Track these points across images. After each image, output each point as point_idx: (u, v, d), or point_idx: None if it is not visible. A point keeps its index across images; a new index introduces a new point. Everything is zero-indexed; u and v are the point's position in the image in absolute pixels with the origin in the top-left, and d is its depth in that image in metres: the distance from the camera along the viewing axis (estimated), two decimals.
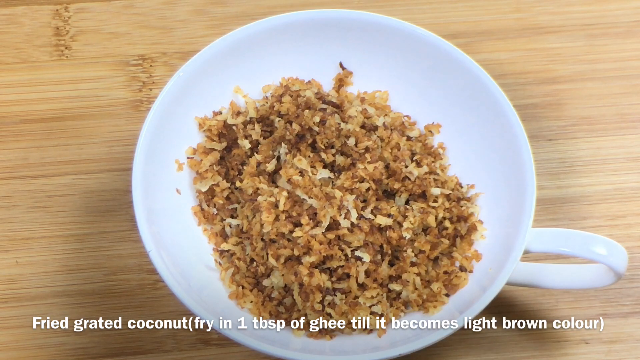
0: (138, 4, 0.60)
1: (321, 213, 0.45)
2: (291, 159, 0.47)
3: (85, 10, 0.60)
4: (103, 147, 0.55)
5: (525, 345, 0.50)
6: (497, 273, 0.44)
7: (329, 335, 0.46)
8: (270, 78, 0.52)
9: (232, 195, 0.49)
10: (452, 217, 0.48)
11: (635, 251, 0.52)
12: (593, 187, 0.54)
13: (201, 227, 0.49)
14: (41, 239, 0.52)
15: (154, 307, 0.51)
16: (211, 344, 0.50)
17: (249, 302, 0.46)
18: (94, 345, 0.50)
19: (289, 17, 0.50)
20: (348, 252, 0.45)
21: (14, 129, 0.56)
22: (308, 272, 0.45)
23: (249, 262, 0.47)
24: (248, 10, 0.60)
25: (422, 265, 0.47)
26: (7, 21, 0.60)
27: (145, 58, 0.58)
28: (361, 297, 0.45)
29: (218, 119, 0.50)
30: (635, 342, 0.50)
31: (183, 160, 0.49)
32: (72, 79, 0.57)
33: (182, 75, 0.48)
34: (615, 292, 0.51)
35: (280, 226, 0.45)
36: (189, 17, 0.60)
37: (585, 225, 0.53)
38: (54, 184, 0.54)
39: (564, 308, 0.51)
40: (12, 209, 0.53)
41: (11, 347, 0.50)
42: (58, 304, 0.51)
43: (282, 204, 0.45)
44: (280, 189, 0.46)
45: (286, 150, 0.47)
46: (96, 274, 0.52)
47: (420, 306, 0.46)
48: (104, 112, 0.56)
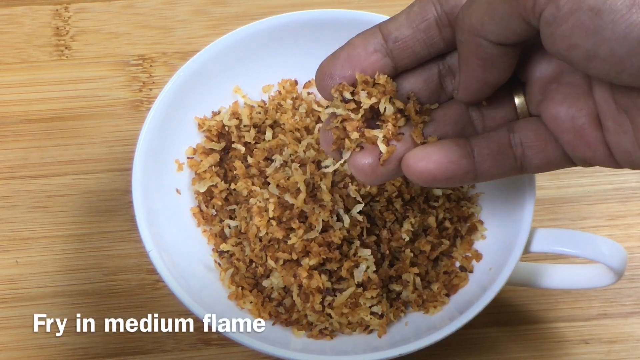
0: (138, 4, 0.60)
1: (313, 217, 0.45)
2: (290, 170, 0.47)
3: (85, 10, 0.60)
4: (103, 147, 0.55)
5: (525, 345, 0.50)
6: (497, 273, 0.44)
7: (329, 335, 0.46)
8: (270, 78, 0.52)
9: (231, 197, 0.49)
10: (452, 217, 0.48)
11: (635, 251, 0.52)
12: (593, 187, 0.54)
13: (200, 228, 0.49)
14: (41, 239, 0.53)
15: (154, 307, 0.51)
16: (211, 344, 0.50)
17: (249, 303, 0.46)
18: (94, 346, 0.50)
19: (289, 17, 0.50)
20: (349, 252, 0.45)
21: (14, 129, 0.56)
22: (307, 274, 0.45)
23: (248, 262, 0.47)
24: (248, 10, 0.60)
25: (422, 266, 0.47)
26: (7, 21, 0.60)
27: (145, 58, 0.58)
28: (361, 298, 0.45)
29: (217, 119, 0.50)
30: (635, 342, 0.50)
31: (183, 161, 0.49)
32: (72, 79, 0.57)
33: (182, 75, 0.48)
34: (615, 292, 0.51)
35: (274, 231, 0.45)
36: (189, 17, 0.60)
37: (585, 225, 0.53)
38: (54, 184, 0.54)
39: (564, 308, 0.51)
40: (12, 209, 0.53)
41: (11, 347, 0.50)
42: (58, 304, 0.51)
43: (272, 210, 0.45)
44: (270, 194, 0.46)
45: (281, 162, 0.47)
46: (96, 274, 0.52)
47: (420, 306, 0.46)
48: (104, 112, 0.56)
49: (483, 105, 0.39)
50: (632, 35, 0.31)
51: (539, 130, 0.38)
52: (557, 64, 0.37)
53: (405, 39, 0.38)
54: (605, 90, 0.36)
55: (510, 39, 0.35)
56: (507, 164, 0.39)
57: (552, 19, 0.32)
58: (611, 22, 0.31)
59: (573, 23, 0.32)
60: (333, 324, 0.46)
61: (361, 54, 0.38)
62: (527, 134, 0.38)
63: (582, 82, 0.37)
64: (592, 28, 0.32)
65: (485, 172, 0.38)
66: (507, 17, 0.34)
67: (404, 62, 0.38)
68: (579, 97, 0.37)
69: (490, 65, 0.36)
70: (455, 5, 0.37)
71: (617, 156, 0.36)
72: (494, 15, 0.34)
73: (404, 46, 0.38)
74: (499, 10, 0.34)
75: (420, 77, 0.39)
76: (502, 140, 0.38)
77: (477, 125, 0.39)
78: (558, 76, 0.38)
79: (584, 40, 0.32)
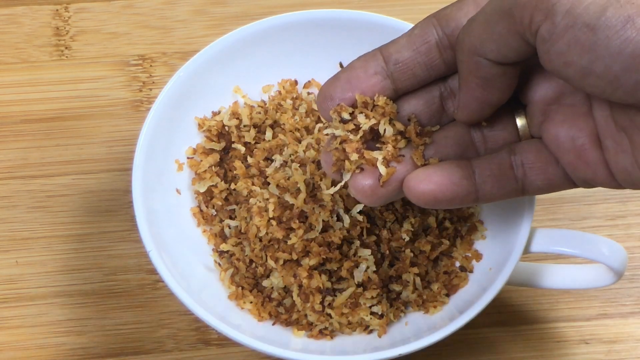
0: (138, 4, 0.60)
1: (313, 217, 0.45)
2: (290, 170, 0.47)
3: (85, 10, 0.60)
4: (103, 147, 0.55)
5: (525, 345, 0.50)
6: (497, 273, 0.44)
7: (329, 335, 0.46)
8: (270, 78, 0.52)
9: (231, 197, 0.49)
10: (452, 217, 0.48)
11: (635, 251, 0.52)
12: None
13: (200, 228, 0.49)
14: (41, 239, 0.53)
15: (154, 307, 0.51)
16: (211, 344, 0.50)
17: (249, 303, 0.46)
18: (94, 345, 0.50)
19: (289, 17, 0.50)
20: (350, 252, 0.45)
21: (14, 129, 0.56)
22: (307, 274, 0.45)
23: (248, 262, 0.47)
24: (248, 10, 0.60)
25: (422, 266, 0.47)
26: (7, 21, 0.60)
27: (145, 58, 0.58)
28: (361, 298, 0.45)
29: (217, 119, 0.50)
30: (635, 342, 0.50)
31: (183, 161, 0.49)
32: (72, 79, 0.57)
33: (182, 75, 0.48)
34: (615, 292, 0.51)
35: (274, 231, 0.45)
36: (189, 17, 0.60)
37: (585, 225, 0.53)
38: (54, 184, 0.54)
39: (564, 308, 0.51)
40: (12, 209, 0.53)
41: (11, 347, 0.50)
42: (58, 304, 0.51)
43: (272, 210, 0.45)
44: (270, 194, 0.46)
45: (281, 162, 0.47)
46: (96, 274, 0.52)
47: (420, 306, 0.46)
48: (104, 112, 0.56)
49: (484, 127, 0.39)
50: (626, 51, 0.31)
51: (540, 151, 0.38)
52: (558, 86, 0.38)
53: (406, 61, 0.38)
54: (604, 110, 0.36)
55: (509, 58, 0.35)
56: (509, 186, 0.39)
57: (548, 35, 0.32)
58: (606, 38, 0.31)
59: (569, 39, 0.32)
60: (333, 324, 0.46)
61: (361, 76, 0.38)
62: (528, 156, 0.38)
63: (583, 102, 0.37)
64: (587, 44, 0.32)
65: (486, 194, 0.39)
66: (505, 35, 0.34)
67: (405, 84, 0.39)
68: (579, 117, 0.37)
69: (489, 85, 0.36)
70: (456, 27, 0.37)
71: (617, 176, 0.36)
72: (493, 33, 0.34)
73: (405, 68, 0.38)
74: (497, 28, 0.34)
75: (421, 99, 0.39)
76: (503, 161, 0.39)
77: (479, 147, 0.40)
78: (559, 97, 0.38)
79: (580, 57, 0.32)
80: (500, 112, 0.39)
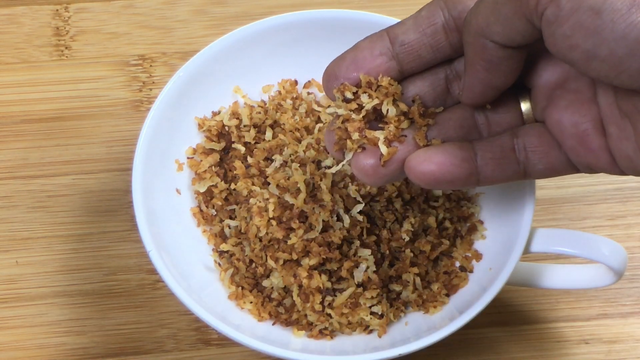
0: (138, 4, 0.60)
1: (313, 217, 0.45)
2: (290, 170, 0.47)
3: (85, 10, 0.60)
4: (103, 147, 0.55)
5: (525, 345, 0.50)
6: (497, 273, 0.44)
7: (329, 335, 0.46)
8: (270, 78, 0.52)
9: (231, 197, 0.49)
10: (452, 217, 0.48)
11: (635, 251, 0.52)
12: (593, 187, 0.54)
13: (200, 228, 0.49)
14: (41, 239, 0.53)
15: (154, 307, 0.51)
16: (211, 344, 0.50)
17: (249, 303, 0.46)
18: (94, 345, 0.50)
19: (289, 17, 0.50)
20: (350, 252, 0.45)
21: (14, 129, 0.56)
22: (307, 274, 0.45)
23: (248, 262, 0.47)
24: (248, 10, 0.60)
25: (422, 266, 0.47)
26: (7, 21, 0.60)
27: (145, 58, 0.58)
28: (361, 298, 0.45)
29: (217, 119, 0.50)
30: (635, 342, 0.50)
31: (183, 161, 0.49)
32: (72, 79, 0.57)
33: (182, 75, 0.48)
34: (615, 292, 0.51)
35: (274, 231, 0.45)
36: (189, 17, 0.60)
37: (585, 225, 0.53)
38: (54, 184, 0.54)
39: (564, 308, 0.51)
40: (12, 209, 0.53)
41: (11, 347, 0.50)
42: (58, 304, 0.51)
43: (272, 210, 0.45)
44: (270, 194, 0.46)
45: (281, 162, 0.47)
46: (96, 274, 0.52)
47: (420, 306, 0.46)
48: (104, 112, 0.56)
49: (488, 110, 0.39)
50: (631, 35, 0.31)
51: (543, 135, 0.38)
52: (563, 70, 0.38)
53: (412, 43, 0.38)
54: (609, 96, 0.36)
55: (515, 41, 0.35)
56: (510, 169, 0.39)
57: (553, 18, 0.32)
58: (610, 22, 0.31)
59: (573, 23, 0.32)
60: (333, 324, 0.46)
61: (367, 57, 0.38)
62: (531, 139, 0.38)
63: (587, 88, 0.37)
64: (592, 28, 0.32)
65: (488, 176, 0.39)
66: (511, 17, 0.34)
67: (410, 65, 0.39)
68: (583, 103, 0.37)
69: (495, 68, 0.36)
70: (462, 10, 0.37)
71: (620, 162, 0.36)
72: (499, 16, 0.34)
73: (410, 50, 0.38)
74: (503, 10, 0.34)
75: (427, 81, 0.39)
76: (505, 144, 0.39)
77: (482, 130, 0.39)
78: (563, 82, 0.38)
79: (584, 40, 0.32)
80: (505, 96, 0.38)
